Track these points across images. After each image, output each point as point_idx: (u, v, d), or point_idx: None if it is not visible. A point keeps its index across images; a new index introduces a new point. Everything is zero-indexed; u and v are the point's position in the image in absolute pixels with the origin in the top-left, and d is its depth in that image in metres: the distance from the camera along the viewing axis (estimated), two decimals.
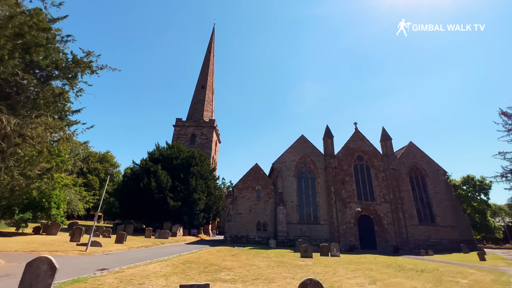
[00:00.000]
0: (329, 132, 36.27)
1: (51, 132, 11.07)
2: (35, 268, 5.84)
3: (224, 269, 11.90)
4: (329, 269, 13.37)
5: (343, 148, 35.54)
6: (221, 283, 8.93)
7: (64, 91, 10.97)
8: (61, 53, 11.56)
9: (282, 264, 14.19)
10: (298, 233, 30.67)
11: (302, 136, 36.40)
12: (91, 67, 11.52)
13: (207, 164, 39.74)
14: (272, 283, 9.41)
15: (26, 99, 10.04)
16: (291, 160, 34.62)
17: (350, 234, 30.47)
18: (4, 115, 8.40)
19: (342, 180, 33.29)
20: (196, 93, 59.86)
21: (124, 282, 8.44)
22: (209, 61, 65.26)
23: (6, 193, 10.45)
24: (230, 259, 15.50)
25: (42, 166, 11.68)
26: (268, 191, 32.86)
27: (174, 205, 31.86)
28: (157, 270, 10.95)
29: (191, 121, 52.52)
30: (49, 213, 21.34)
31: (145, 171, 33.90)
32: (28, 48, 9.51)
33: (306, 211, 32.59)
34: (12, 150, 9.46)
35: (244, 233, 30.79)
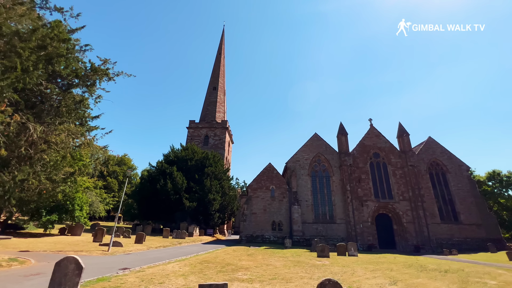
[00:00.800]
0: (343, 129, 35.60)
1: (73, 138, 11.62)
2: (63, 268, 6.15)
3: (241, 269, 11.99)
4: (347, 269, 13.14)
5: (358, 145, 34.78)
6: (238, 283, 9.00)
7: (84, 98, 11.46)
8: (80, 62, 12.10)
9: (298, 264, 14.10)
10: (313, 233, 30.34)
11: (316, 135, 35.97)
12: (108, 74, 11.96)
13: (221, 165, 40.15)
14: (290, 283, 9.38)
15: (49, 107, 10.58)
16: (304, 159, 34.29)
17: (367, 233, 29.76)
18: (31, 123, 8.91)
19: (358, 178, 32.58)
20: (208, 95, 60.61)
21: (145, 281, 8.71)
22: (219, 63, 65.88)
23: (34, 196, 11.06)
24: (247, 259, 15.58)
25: (66, 170, 12.27)
26: (282, 191, 32.73)
27: (190, 205, 32.45)
28: (176, 269, 11.20)
29: (204, 122, 53.26)
30: (73, 215, 22.44)
31: (161, 173, 34.77)
32: (50, 59, 10.01)
33: (321, 210, 32.18)
34: (39, 156, 10.01)
35: (259, 232, 30.85)
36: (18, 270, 10.15)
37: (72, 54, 11.18)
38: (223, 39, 71.83)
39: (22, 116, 8.99)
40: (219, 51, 69.29)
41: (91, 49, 12.15)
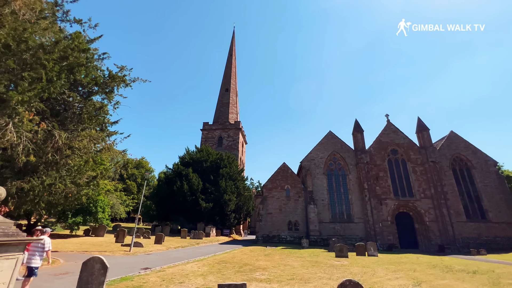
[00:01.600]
0: (359, 126, 34.74)
1: (94, 143, 12.14)
2: (90, 267, 6.44)
3: (259, 269, 12.00)
4: (367, 269, 12.80)
5: (374, 142, 33.80)
6: (256, 283, 9.02)
7: (104, 105, 11.94)
8: (99, 70, 12.62)
9: (316, 264, 13.91)
10: (331, 232, 29.82)
11: (330, 132, 35.35)
12: (125, 81, 12.38)
13: (235, 166, 40.43)
14: (308, 283, 9.27)
15: (72, 115, 11.12)
16: (319, 158, 33.79)
17: (388, 233, 28.84)
18: (56, 130, 9.40)
19: (375, 176, 31.66)
20: (221, 97, 61.25)
21: (166, 280, 8.93)
22: (231, 64, 66.40)
23: (61, 199, 11.67)
24: (264, 259, 15.58)
25: (89, 174, 12.83)
26: (297, 190, 32.44)
27: (206, 206, 32.93)
28: (194, 269, 11.40)
29: (217, 124, 53.88)
30: (96, 217, 23.44)
31: (177, 175, 35.54)
32: (71, 69, 10.52)
33: (338, 209, 31.57)
34: (64, 161, 10.55)
35: (276, 232, 30.75)
36: (49, 269, 10.74)
37: (92, 63, 11.69)
38: (234, 41, 72.34)
39: (48, 124, 9.51)
40: (230, 52, 69.86)
41: (109, 57, 12.66)
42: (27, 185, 9.15)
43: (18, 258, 4.01)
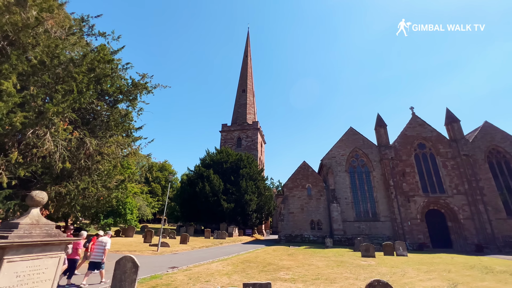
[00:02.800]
0: (381, 121, 33.35)
1: (121, 149, 12.81)
2: (122, 266, 6.82)
3: (283, 269, 11.96)
4: (396, 269, 12.26)
5: (399, 136, 32.25)
6: (281, 283, 9.00)
7: (128, 112, 12.56)
8: (123, 79, 13.29)
9: (342, 264, 13.57)
10: (356, 231, 28.93)
11: (351, 128, 34.30)
12: (147, 88, 12.93)
13: (255, 166, 40.60)
14: (334, 283, 9.08)
15: (101, 123, 11.82)
16: (340, 155, 32.91)
17: (417, 231, 27.38)
18: (88, 138, 10.05)
19: (401, 172, 30.20)
20: (238, 98, 61.81)
21: (192, 279, 9.20)
22: (246, 65, 66.78)
23: (94, 202, 12.46)
24: (287, 259, 15.50)
25: (117, 178, 13.57)
26: (319, 189, 31.86)
27: (228, 207, 33.40)
28: (219, 268, 11.61)
29: (236, 125, 54.44)
30: (125, 218, 24.70)
31: (199, 176, 36.41)
32: (98, 79, 11.19)
33: (362, 207, 30.54)
34: (95, 167, 11.24)
35: (298, 232, 30.42)
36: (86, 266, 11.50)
37: (116, 72, 12.36)
38: (249, 42, 72.68)
39: (80, 132, 10.20)
40: (245, 53, 70.29)
41: (131, 67, 13.30)
42: (64, 190, 9.89)
43: (60, 256, 4.36)
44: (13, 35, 9.44)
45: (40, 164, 9.08)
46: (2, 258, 3.64)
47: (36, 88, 9.17)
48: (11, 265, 3.72)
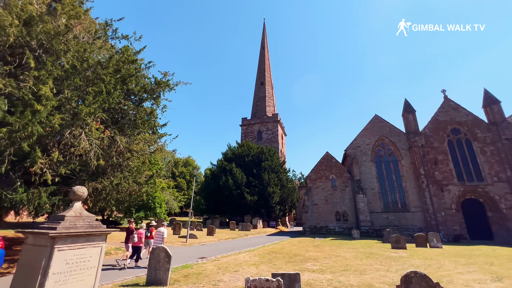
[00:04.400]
0: (409, 106, 31.42)
1: (149, 145, 13.36)
2: (156, 256, 7.18)
3: (309, 260, 11.91)
4: (431, 261, 11.68)
5: (430, 122, 30.23)
6: (309, 273, 8.97)
7: (153, 110, 13.00)
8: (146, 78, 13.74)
9: (371, 256, 13.21)
10: (384, 223, 27.95)
11: (376, 116, 32.77)
12: (169, 85, 13.26)
13: (277, 158, 40.51)
14: (364, 275, 8.86)
15: (128, 121, 12.37)
16: (365, 144, 31.69)
17: (452, 222, 25.78)
18: (118, 136, 10.59)
19: (433, 160, 28.41)
20: (257, 91, 61.56)
21: (221, 269, 9.48)
22: (264, 57, 66.01)
23: (126, 197, 13.20)
24: (314, 250, 15.40)
25: (146, 174, 14.22)
26: (343, 180, 31.07)
27: (251, 199, 33.82)
28: (246, 259, 11.85)
29: (256, 118, 54.43)
30: (155, 212, 26.03)
31: (222, 170, 37.16)
32: (124, 80, 11.66)
33: (391, 198, 29.34)
34: (126, 163, 11.86)
35: (323, 223, 30.06)
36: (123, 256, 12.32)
37: (140, 72, 12.78)
38: (265, 33, 71.57)
39: (111, 131, 10.77)
40: (262, 45, 69.43)
41: (154, 65, 13.69)
42: (100, 185, 10.57)
43: (102, 246, 4.67)
44: (47, 43, 10.10)
45: (77, 162, 9.75)
46: (53, 247, 3.98)
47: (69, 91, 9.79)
48: (61, 254, 4.06)
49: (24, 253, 4.29)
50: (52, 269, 3.92)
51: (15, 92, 8.33)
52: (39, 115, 7.82)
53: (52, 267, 3.92)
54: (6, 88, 8.33)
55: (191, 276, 8.26)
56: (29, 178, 8.81)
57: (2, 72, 8.78)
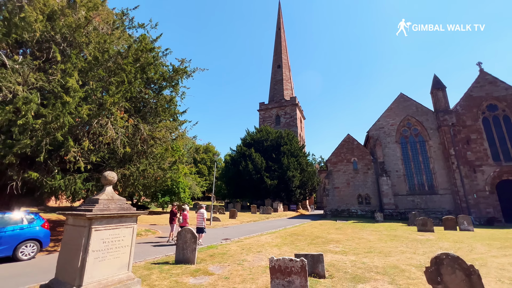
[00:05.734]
0: (439, 83, 29.16)
1: (170, 132, 13.74)
2: (183, 236, 7.55)
3: (332, 242, 11.93)
4: (461, 245, 11.20)
5: (462, 99, 27.95)
6: (332, 255, 9.00)
7: (172, 97, 13.21)
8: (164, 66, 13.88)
9: (396, 238, 12.94)
10: (409, 205, 27.09)
11: (401, 95, 30.90)
12: (187, 72, 13.32)
13: (296, 142, 40.10)
14: (389, 257, 8.73)
15: (150, 109, 12.72)
16: (389, 125, 30.23)
17: (486, 205, 24.34)
18: (141, 124, 10.97)
19: (465, 139, 26.54)
20: (274, 74, 60.23)
21: (245, 249, 9.80)
22: (280, 39, 63.82)
23: (152, 182, 13.87)
24: (335, 232, 15.39)
25: (169, 160, 14.75)
26: (366, 162, 30.19)
27: (271, 183, 34.14)
28: (268, 241, 12.13)
29: (273, 102, 53.69)
30: (179, 196, 27.22)
31: (241, 156, 37.62)
32: (143, 68, 11.87)
33: (417, 180, 28.17)
34: (150, 150, 12.34)
35: (345, 207, 29.79)
36: (153, 238, 13.16)
37: (158, 60, 12.91)
38: (281, 13, 68.67)
39: (134, 120, 11.17)
40: (278, 26, 66.94)
41: (170, 52, 13.74)
42: (127, 172, 11.17)
43: (133, 227, 4.96)
44: (70, 36, 10.44)
45: (106, 150, 10.30)
46: (91, 227, 4.29)
47: (94, 83, 10.18)
48: (98, 233, 4.38)
49: (66, 233, 4.69)
50: (92, 246, 4.25)
51: (45, 85, 8.80)
52: (68, 106, 8.24)
53: (91, 245, 4.25)
54: (37, 82, 8.82)
55: (216, 255, 8.63)
56: (64, 166, 9.49)
57: (33, 67, 9.27)
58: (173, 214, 12.07)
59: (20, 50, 11.08)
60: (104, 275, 4.37)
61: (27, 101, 7.79)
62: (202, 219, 11.27)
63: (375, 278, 6.30)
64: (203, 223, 11.18)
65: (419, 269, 7.06)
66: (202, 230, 11.19)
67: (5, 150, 7.79)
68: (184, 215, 11.41)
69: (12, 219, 8.29)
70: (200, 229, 11.16)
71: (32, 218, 8.70)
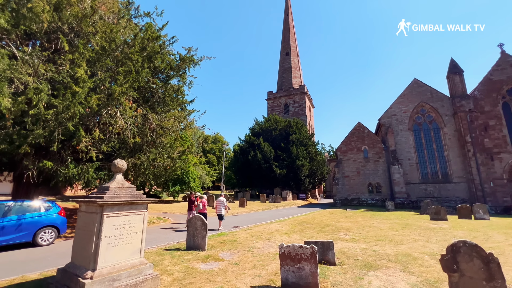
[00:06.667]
0: (456, 67, 27.79)
1: (179, 122, 13.75)
2: (193, 223, 7.65)
3: (341, 230, 11.87)
4: (477, 233, 10.91)
5: (481, 83, 26.62)
6: (342, 242, 8.95)
7: (180, 86, 13.15)
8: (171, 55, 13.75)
9: (407, 227, 12.74)
10: (422, 194, 26.58)
11: (415, 80, 29.72)
12: (194, 60, 13.16)
13: (305, 131, 39.66)
14: (401, 245, 8.60)
15: (158, 99, 12.73)
16: (402, 112, 29.31)
17: (503, 193, 23.56)
18: (150, 114, 11.01)
19: (483, 126, 25.47)
20: (282, 62, 59.04)
21: (254, 237, 9.89)
22: (288, 25, 62.04)
23: (162, 171, 14.08)
24: (345, 221, 15.31)
25: (179, 150, 14.87)
26: (377, 150, 29.59)
27: (280, 172, 34.14)
28: (278, 228, 12.20)
29: (282, 91, 52.89)
30: (189, 186, 27.69)
31: (250, 145, 37.61)
32: (150, 57, 11.78)
33: (430, 168, 27.48)
34: (159, 140, 12.43)
35: (355, 195, 29.56)
36: (164, 225, 13.49)
37: (164, 49, 12.80)
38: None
39: (143, 109, 11.22)
40: (286, 11, 64.94)
41: (177, 40, 13.57)
42: (138, 161, 11.34)
43: (144, 214, 5.02)
44: (76, 26, 10.41)
45: (116, 140, 10.44)
46: (102, 214, 4.36)
47: (102, 73, 10.19)
48: (109, 219, 4.45)
49: (79, 219, 4.80)
50: (104, 232, 4.33)
51: (55, 76, 8.88)
52: (78, 96, 8.30)
53: (104, 231, 4.33)
54: (47, 73, 8.90)
55: (226, 242, 8.75)
56: (77, 156, 9.69)
57: (42, 59, 9.35)
58: (191, 201, 12.60)
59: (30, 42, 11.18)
60: (117, 260, 4.47)
61: (38, 91, 7.89)
62: (222, 206, 11.84)
63: (387, 265, 6.21)
64: (222, 210, 11.77)
65: (432, 257, 6.92)
66: (221, 217, 11.75)
67: (20, 140, 8.00)
68: (203, 202, 11.90)
69: (30, 206, 8.62)
70: (220, 216, 11.74)
71: (49, 206, 9.02)
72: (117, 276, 4.30)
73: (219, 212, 11.79)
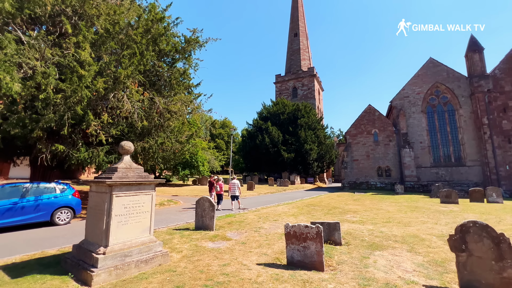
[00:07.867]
0: (476, 44, 26.13)
1: (186, 106, 13.72)
2: (201, 205, 7.81)
3: (349, 212, 11.91)
4: (488, 216, 10.71)
5: (502, 61, 25.07)
6: (349, 224, 8.99)
7: (186, 69, 12.98)
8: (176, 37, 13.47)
9: (416, 210, 12.64)
10: (433, 178, 26.13)
11: (431, 60, 28.26)
12: (199, 42, 12.87)
13: (313, 114, 39.04)
14: (409, 227, 8.56)
15: (164, 82, 12.66)
16: (415, 93, 28.22)
17: None
18: (157, 97, 11.00)
19: (502, 107, 24.29)
20: (290, 44, 57.17)
21: (262, 218, 10.06)
22: (297, 4, 59.33)
23: (171, 155, 14.29)
24: (353, 203, 15.32)
25: (186, 134, 14.97)
26: (387, 134, 28.94)
27: (288, 156, 34.12)
28: (285, 210, 12.36)
29: (290, 74, 51.65)
30: (199, 170, 28.18)
31: (258, 129, 37.49)
32: (155, 40, 11.59)
33: (443, 151, 26.77)
34: (167, 124, 12.51)
35: (363, 179, 29.38)
36: (174, 207, 13.90)
37: (169, 30, 12.54)
38: None
39: (149, 93, 11.22)
40: None
41: (182, 21, 13.22)
42: (146, 145, 11.51)
43: (152, 194, 5.12)
44: (80, 8, 10.26)
45: (124, 124, 10.57)
46: (112, 193, 4.47)
47: (107, 56, 10.14)
48: (119, 199, 4.57)
49: (91, 199, 4.96)
50: (114, 211, 4.47)
51: (61, 60, 8.89)
52: (84, 80, 8.33)
53: (114, 210, 4.47)
54: (53, 58, 8.91)
55: (234, 223, 8.95)
56: (87, 140, 9.92)
57: (48, 43, 9.35)
58: (211, 184, 13.94)
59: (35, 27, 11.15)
60: (128, 237, 4.64)
61: (46, 76, 7.96)
62: (235, 188, 12.98)
63: (393, 246, 6.22)
64: (236, 191, 12.95)
65: (440, 239, 6.87)
66: (236, 197, 12.93)
67: (32, 125, 8.20)
68: (219, 185, 13.19)
69: (47, 188, 9.00)
70: (234, 197, 12.95)
71: (64, 188, 9.39)
72: (128, 252, 4.49)
73: (233, 193, 12.94)
